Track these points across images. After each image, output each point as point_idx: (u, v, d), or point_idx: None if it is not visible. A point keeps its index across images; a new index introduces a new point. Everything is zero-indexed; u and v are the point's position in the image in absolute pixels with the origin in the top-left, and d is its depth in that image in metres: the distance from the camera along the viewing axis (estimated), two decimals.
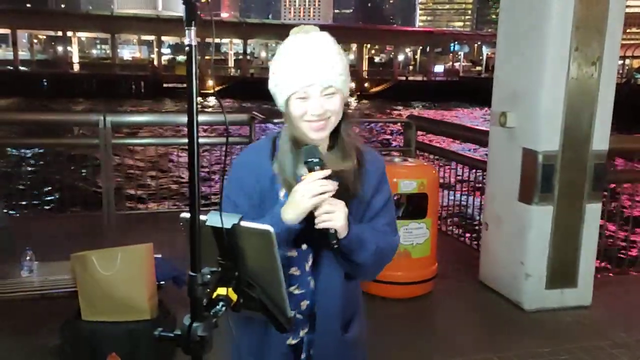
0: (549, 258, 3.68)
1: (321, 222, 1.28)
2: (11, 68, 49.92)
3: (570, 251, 3.72)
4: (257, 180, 1.40)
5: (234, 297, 1.02)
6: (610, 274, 4.67)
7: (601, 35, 3.47)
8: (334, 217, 1.29)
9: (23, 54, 60.77)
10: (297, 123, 1.36)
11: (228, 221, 1.01)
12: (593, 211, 3.71)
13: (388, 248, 1.47)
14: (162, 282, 2.92)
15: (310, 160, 1.28)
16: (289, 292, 1.40)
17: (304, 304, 1.47)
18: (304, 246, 1.43)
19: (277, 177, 1.38)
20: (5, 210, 3.24)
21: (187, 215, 0.99)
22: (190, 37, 0.87)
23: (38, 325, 3.21)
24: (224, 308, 0.99)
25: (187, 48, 0.87)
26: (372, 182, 1.44)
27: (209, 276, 0.95)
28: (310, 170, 1.27)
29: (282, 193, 1.39)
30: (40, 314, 3.25)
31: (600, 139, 3.61)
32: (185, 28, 0.86)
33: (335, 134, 1.41)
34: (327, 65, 1.34)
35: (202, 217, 1.01)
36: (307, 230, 1.32)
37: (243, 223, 1.01)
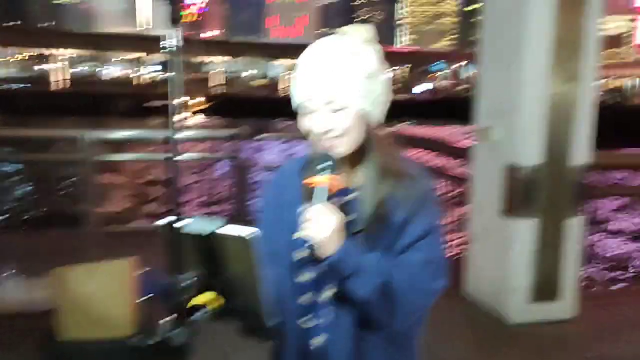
0: (534, 272, 3.70)
1: (301, 230, 1.16)
2: None
3: (554, 265, 3.75)
4: (284, 192, 1.33)
5: (214, 304, 1.00)
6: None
7: (579, 53, 3.54)
8: (312, 227, 1.14)
9: (4, 72, 60.35)
10: (311, 136, 1.25)
11: (207, 227, 0.99)
12: (575, 225, 3.75)
13: (411, 290, 1.20)
14: (145, 298, 2.87)
15: (317, 165, 1.19)
16: (300, 324, 1.30)
17: (316, 341, 1.30)
18: (320, 271, 1.26)
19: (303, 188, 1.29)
20: None
21: (164, 221, 0.98)
22: (178, 37, 0.86)
23: (16, 344, 3.13)
24: (204, 316, 0.98)
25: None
26: (406, 206, 1.23)
27: (189, 282, 0.94)
28: (316, 175, 1.19)
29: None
30: (18, 331, 3.18)
31: (581, 154, 3.66)
32: (170, 29, 0.85)
33: (365, 155, 1.25)
34: (329, 77, 1.18)
35: (181, 224, 0.99)
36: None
37: (221, 230, 1.00)
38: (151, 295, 2.84)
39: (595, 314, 3.98)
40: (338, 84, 1.18)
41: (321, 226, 1.13)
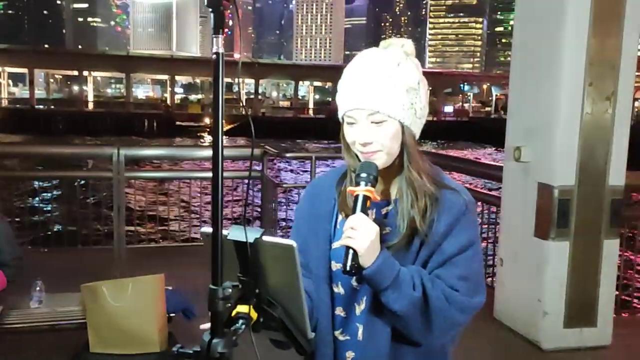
0: (567, 296, 3.59)
1: (343, 238, 1.15)
2: (27, 106, 50.94)
3: (588, 289, 3.63)
4: (318, 204, 1.33)
5: (254, 315, 0.98)
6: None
7: (615, 71, 3.47)
8: (356, 235, 1.13)
9: (39, 93, 62.20)
10: (353, 148, 1.25)
11: (250, 235, 0.98)
12: (611, 248, 3.64)
13: (448, 306, 1.18)
14: (172, 314, 2.87)
15: (359, 174, 1.19)
16: (333, 336, 1.29)
17: (350, 355, 1.28)
18: (355, 283, 1.26)
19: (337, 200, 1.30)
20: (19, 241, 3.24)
21: (208, 229, 0.97)
22: (218, 45, 0.87)
23: (46, 358, 3.15)
24: (243, 326, 0.96)
25: (214, 56, 0.86)
26: (443, 222, 1.22)
27: (230, 290, 0.93)
28: (357, 184, 1.18)
29: (340, 217, 1.30)
30: (49, 346, 3.20)
31: (617, 174, 3.57)
32: (213, 36, 0.86)
33: (401, 168, 1.25)
34: (375, 88, 1.19)
35: (224, 232, 0.99)
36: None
37: (265, 238, 0.99)
38: (175, 313, 2.84)
39: (630, 340, 3.84)
40: (382, 96, 1.19)
41: (362, 235, 1.13)
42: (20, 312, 2.89)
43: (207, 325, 0.98)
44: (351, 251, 1.13)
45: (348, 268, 1.13)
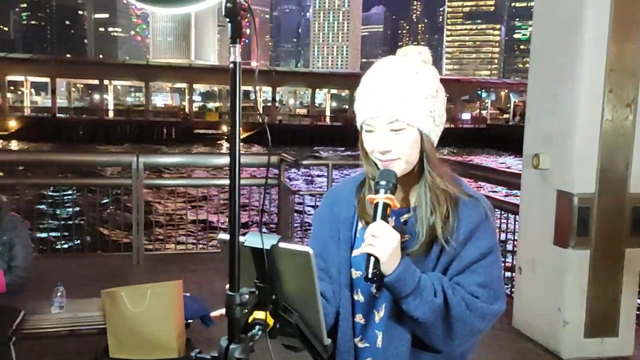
0: (588, 305, 3.54)
1: (365, 245, 1.14)
2: (49, 115, 51.75)
3: (609, 298, 3.58)
4: (339, 209, 1.33)
5: (270, 321, 0.99)
6: None
7: (635, 78, 3.43)
8: (378, 243, 1.12)
9: (61, 102, 63.13)
10: (371, 156, 1.25)
11: (267, 242, 0.99)
12: (633, 256, 3.58)
13: (468, 313, 1.18)
14: (190, 321, 2.90)
15: (379, 181, 1.19)
16: (351, 344, 1.30)
17: None
18: (374, 290, 1.26)
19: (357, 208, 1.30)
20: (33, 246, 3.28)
21: (225, 236, 0.99)
22: (235, 54, 0.88)
23: None
24: (260, 332, 0.97)
25: (231, 65, 0.88)
26: (463, 230, 1.21)
27: (247, 296, 0.94)
28: (377, 192, 1.19)
29: (360, 225, 1.30)
30: (69, 351, 3.24)
31: (638, 181, 3.52)
32: (230, 45, 0.88)
33: (420, 176, 1.25)
34: (394, 96, 1.19)
35: (241, 238, 1.00)
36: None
37: (282, 244, 1.00)
38: (193, 319, 2.86)
39: None
40: (401, 104, 1.19)
41: (384, 242, 1.13)
42: (42, 317, 2.94)
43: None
44: (372, 259, 1.13)
45: (370, 275, 1.13)
